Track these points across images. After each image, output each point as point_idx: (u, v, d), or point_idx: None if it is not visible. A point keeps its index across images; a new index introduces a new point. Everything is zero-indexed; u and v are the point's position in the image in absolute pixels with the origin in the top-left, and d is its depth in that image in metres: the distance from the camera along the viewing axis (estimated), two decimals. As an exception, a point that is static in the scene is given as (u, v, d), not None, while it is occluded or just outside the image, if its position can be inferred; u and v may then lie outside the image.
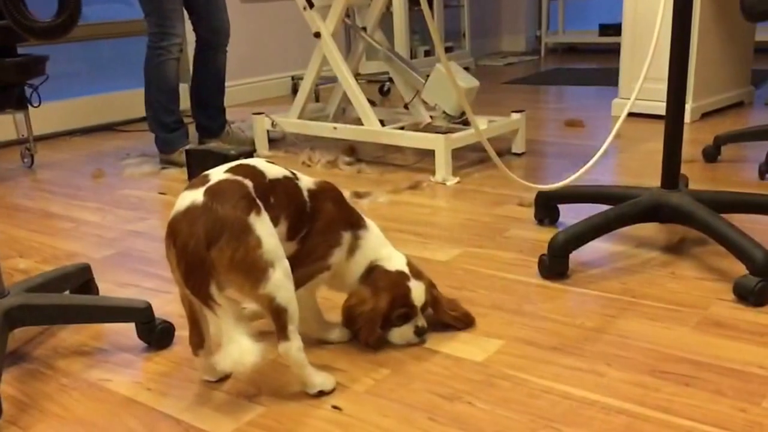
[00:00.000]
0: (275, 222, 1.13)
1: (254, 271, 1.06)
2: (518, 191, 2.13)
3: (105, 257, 1.84)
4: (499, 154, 2.64)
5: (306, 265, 1.21)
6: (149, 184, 2.54)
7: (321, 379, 1.16)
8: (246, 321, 1.09)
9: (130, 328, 1.36)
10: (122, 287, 1.64)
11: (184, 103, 2.84)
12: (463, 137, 2.41)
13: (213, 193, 1.07)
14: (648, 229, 1.78)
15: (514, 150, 2.66)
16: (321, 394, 1.15)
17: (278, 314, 1.09)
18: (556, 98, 4.00)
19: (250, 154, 2.25)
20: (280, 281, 1.08)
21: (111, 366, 1.29)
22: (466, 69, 3.66)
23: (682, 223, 1.60)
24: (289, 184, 1.19)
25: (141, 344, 1.35)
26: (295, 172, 1.24)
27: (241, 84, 4.17)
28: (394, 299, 1.26)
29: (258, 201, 1.10)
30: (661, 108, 1.64)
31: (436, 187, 2.31)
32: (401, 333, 1.29)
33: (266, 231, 1.08)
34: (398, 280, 1.27)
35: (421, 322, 1.30)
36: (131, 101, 3.54)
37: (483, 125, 2.54)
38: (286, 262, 1.11)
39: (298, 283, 1.21)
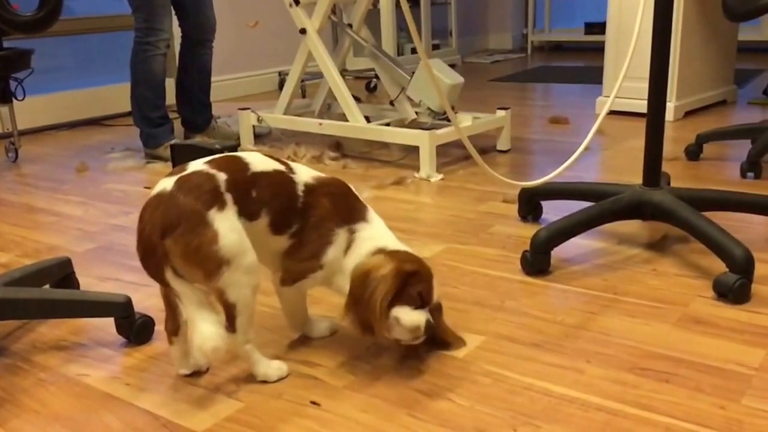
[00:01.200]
0: (256, 215, 1.13)
1: (207, 264, 1.06)
2: (502, 188, 2.13)
3: (87, 251, 1.83)
4: (484, 151, 2.68)
5: (298, 261, 1.19)
6: (133, 179, 2.53)
7: (264, 369, 1.17)
8: (210, 307, 1.09)
9: (110, 322, 1.35)
10: (103, 281, 1.63)
11: (170, 98, 2.82)
12: (447, 134, 2.41)
13: (181, 183, 1.08)
14: (630, 227, 1.79)
15: (499, 147, 2.66)
16: (264, 382, 1.17)
17: (227, 307, 1.11)
18: (541, 96, 4.01)
19: (234, 149, 2.25)
20: (232, 279, 1.08)
21: (89, 361, 1.28)
22: (453, 66, 3.66)
23: (663, 220, 1.61)
24: (278, 177, 1.16)
25: (120, 339, 1.34)
26: (294, 165, 1.20)
27: (229, 79, 4.15)
28: (420, 271, 1.15)
29: (226, 195, 1.09)
30: (644, 106, 1.64)
31: (420, 183, 2.31)
32: (415, 315, 1.13)
33: (226, 227, 1.07)
34: (420, 259, 1.19)
35: (429, 316, 1.17)
36: (117, 95, 3.52)
37: (468, 122, 2.54)
38: (249, 258, 1.10)
39: (291, 280, 1.21)
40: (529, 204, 1.89)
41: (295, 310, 1.30)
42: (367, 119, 2.65)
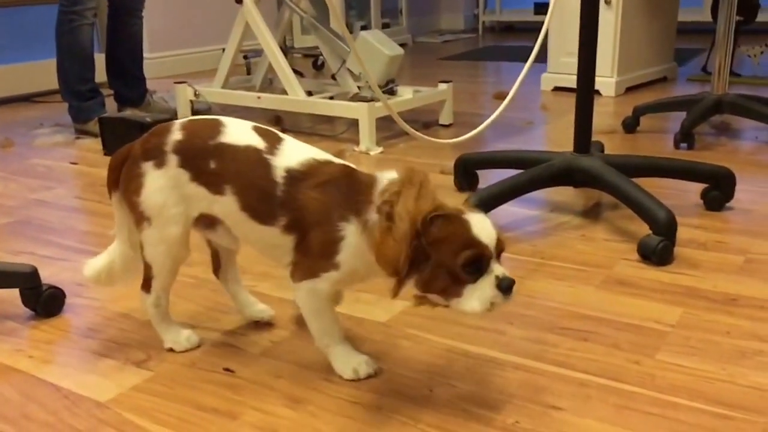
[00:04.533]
0: (218, 191, 1.01)
1: (132, 211, 1.08)
2: (441, 160, 2.11)
3: (2, 225, 1.74)
4: (427, 125, 2.65)
5: (306, 256, 1.00)
6: (61, 154, 2.43)
7: (170, 336, 1.15)
8: (121, 242, 1.13)
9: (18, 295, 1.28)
10: (16, 255, 1.55)
11: (102, 74, 2.71)
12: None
13: (152, 130, 1.09)
14: (565, 195, 1.78)
15: (441, 121, 2.64)
16: (171, 350, 1.14)
17: (145, 266, 1.11)
18: (490, 73, 4.01)
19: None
20: (151, 238, 1.08)
21: (-7, 334, 1.22)
22: (403, 46, 3.63)
23: (592, 185, 1.61)
24: (248, 154, 1.00)
25: (29, 312, 1.28)
26: (281, 145, 1.01)
27: (172, 55, 4.04)
28: (461, 237, 0.89)
29: (170, 156, 1.02)
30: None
31: (359, 156, 2.28)
32: (481, 291, 0.90)
33: (155, 185, 1.04)
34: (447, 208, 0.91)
35: (501, 270, 0.91)
36: (49, 71, 3.37)
37: (408, 95, 2.51)
38: (171, 229, 1.05)
39: (299, 276, 1.01)
40: (465, 174, 1.87)
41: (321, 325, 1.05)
42: (309, 93, 2.60)
